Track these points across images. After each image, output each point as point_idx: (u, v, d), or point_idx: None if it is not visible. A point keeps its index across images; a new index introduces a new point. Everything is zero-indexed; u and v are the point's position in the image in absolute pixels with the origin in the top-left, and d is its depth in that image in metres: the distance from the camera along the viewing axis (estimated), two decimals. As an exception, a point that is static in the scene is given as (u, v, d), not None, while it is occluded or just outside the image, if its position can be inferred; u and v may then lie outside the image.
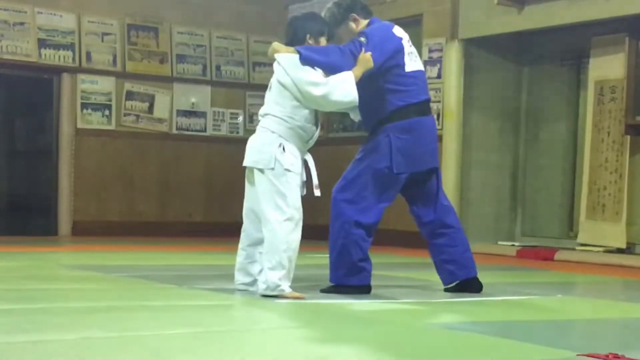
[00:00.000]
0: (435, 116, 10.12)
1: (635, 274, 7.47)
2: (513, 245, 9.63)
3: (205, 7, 11.54)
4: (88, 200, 10.75)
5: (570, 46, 9.76)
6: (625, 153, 9.00)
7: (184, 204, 11.36)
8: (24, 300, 4.46)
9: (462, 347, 3.46)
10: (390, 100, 5.08)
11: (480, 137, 10.08)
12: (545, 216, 10.15)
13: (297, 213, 4.73)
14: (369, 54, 4.90)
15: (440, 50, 9.90)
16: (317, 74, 4.78)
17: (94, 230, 10.57)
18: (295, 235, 4.71)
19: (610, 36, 9.05)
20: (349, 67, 4.84)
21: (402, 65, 5.11)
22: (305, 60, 4.78)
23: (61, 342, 3.26)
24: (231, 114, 11.63)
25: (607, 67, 9.14)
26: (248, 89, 11.76)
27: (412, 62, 5.15)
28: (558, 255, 8.82)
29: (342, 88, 4.74)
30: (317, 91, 4.73)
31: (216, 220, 11.32)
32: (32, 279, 5.54)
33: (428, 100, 5.27)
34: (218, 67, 11.62)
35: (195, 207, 11.44)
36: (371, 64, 4.89)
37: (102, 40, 10.87)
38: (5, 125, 12.39)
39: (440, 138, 9.89)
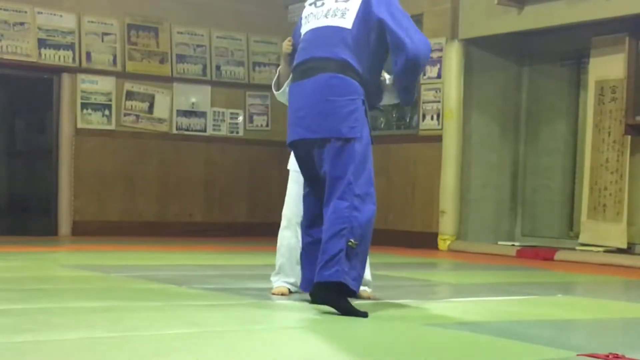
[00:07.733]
0: (435, 115, 10.29)
1: (636, 274, 7.47)
2: (513, 245, 9.62)
3: (205, 7, 11.54)
4: (88, 200, 10.75)
5: (570, 46, 9.76)
6: (626, 153, 9.00)
7: (184, 204, 11.35)
8: (24, 300, 4.45)
9: (462, 347, 3.46)
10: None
11: (480, 137, 10.07)
12: (545, 216, 10.15)
13: (288, 211, 4.83)
14: (287, 39, 4.73)
15: (440, 50, 9.90)
16: None
17: (94, 230, 10.56)
18: (285, 232, 4.82)
19: (610, 36, 9.05)
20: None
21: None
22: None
23: (61, 342, 3.25)
24: (231, 114, 11.63)
25: (607, 67, 9.14)
26: (248, 89, 11.75)
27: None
28: (558, 255, 8.82)
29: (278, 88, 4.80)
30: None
31: (216, 220, 11.31)
32: (32, 279, 5.54)
33: None
34: (218, 67, 11.61)
35: (195, 207, 11.43)
36: (286, 50, 4.68)
37: (102, 40, 10.86)
38: (5, 125, 12.39)
39: (440, 138, 9.90)
